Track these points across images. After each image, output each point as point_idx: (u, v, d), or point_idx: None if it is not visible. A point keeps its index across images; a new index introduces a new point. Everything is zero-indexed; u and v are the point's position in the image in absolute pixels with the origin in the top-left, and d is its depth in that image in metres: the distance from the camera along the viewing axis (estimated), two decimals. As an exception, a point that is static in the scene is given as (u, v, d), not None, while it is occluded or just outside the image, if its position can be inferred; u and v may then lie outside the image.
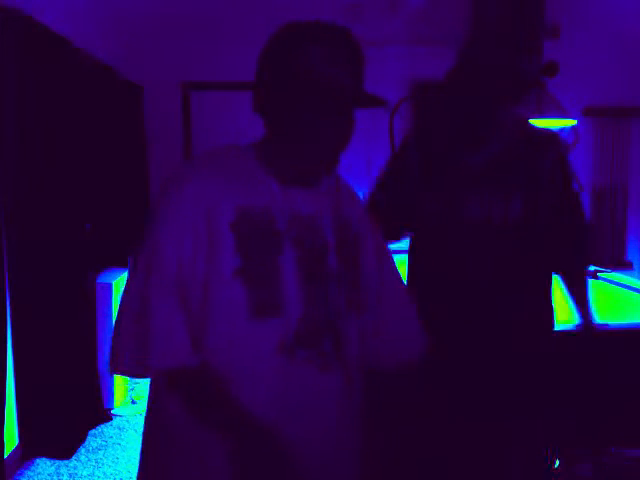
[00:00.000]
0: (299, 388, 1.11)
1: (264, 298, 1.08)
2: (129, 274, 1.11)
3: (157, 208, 1.10)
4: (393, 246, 1.57)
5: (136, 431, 3.32)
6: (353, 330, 1.19)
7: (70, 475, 2.88)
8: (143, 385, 3.92)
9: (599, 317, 2.27)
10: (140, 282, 1.07)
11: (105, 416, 3.43)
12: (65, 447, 3.05)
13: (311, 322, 1.11)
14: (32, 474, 2.87)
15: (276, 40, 1.11)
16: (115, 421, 3.44)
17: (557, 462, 2.14)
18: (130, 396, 3.74)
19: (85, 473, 2.90)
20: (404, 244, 1.87)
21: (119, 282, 3.62)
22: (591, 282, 2.89)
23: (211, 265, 1.06)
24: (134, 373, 1.10)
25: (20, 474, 2.86)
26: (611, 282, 2.82)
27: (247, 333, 1.08)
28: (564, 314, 2.32)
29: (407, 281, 1.77)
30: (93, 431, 3.30)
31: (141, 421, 3.43)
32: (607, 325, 2.13)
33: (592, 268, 2.97)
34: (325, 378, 1.13)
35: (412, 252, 1.81)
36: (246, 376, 1.09)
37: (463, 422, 1.68)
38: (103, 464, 2.98)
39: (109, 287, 3.49)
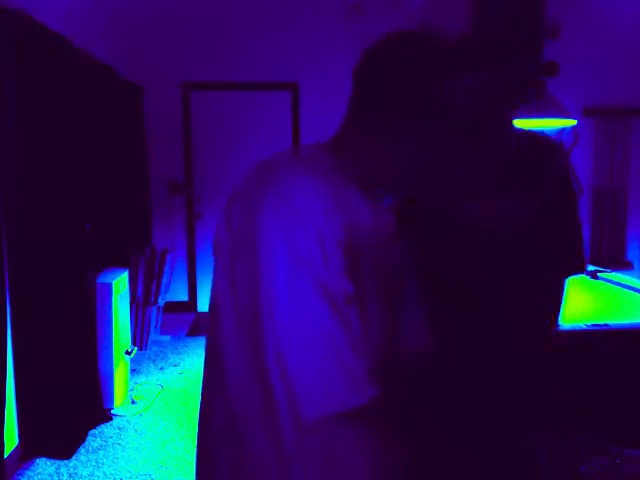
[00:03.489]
0: None
1: None
2: None
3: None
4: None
5: (136, 431, 3.33)
6: None
7: (70, 475, 2.88)
8: (143, 385, 3.92)
9: (599, 317, 2.28)
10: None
11: (105, 416, 3.43)
12: (65, 447, 3.05)
13: None
14: (32, 474, 2.87)
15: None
16: (115, 421, 3.44)
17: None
18: (130, 396, 3.74)
19: (85, 473, 2.90)
20: None
21: (119, 282, 3.62)
22: (590, 282, 2.90)
23: None
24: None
25: (20, 474, 2.86)
26: (611, 282, 2.81)
27: None
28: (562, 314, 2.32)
29: None
30: (93, 431, 3.30)
31: (141, 421, 3.43)
32: (607, 325, 2.13)
33: (592, 268, 2.97)
34: None
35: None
36: None
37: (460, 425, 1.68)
38: (103, 464, 2.98)
39: (109, 287, 3.49)
